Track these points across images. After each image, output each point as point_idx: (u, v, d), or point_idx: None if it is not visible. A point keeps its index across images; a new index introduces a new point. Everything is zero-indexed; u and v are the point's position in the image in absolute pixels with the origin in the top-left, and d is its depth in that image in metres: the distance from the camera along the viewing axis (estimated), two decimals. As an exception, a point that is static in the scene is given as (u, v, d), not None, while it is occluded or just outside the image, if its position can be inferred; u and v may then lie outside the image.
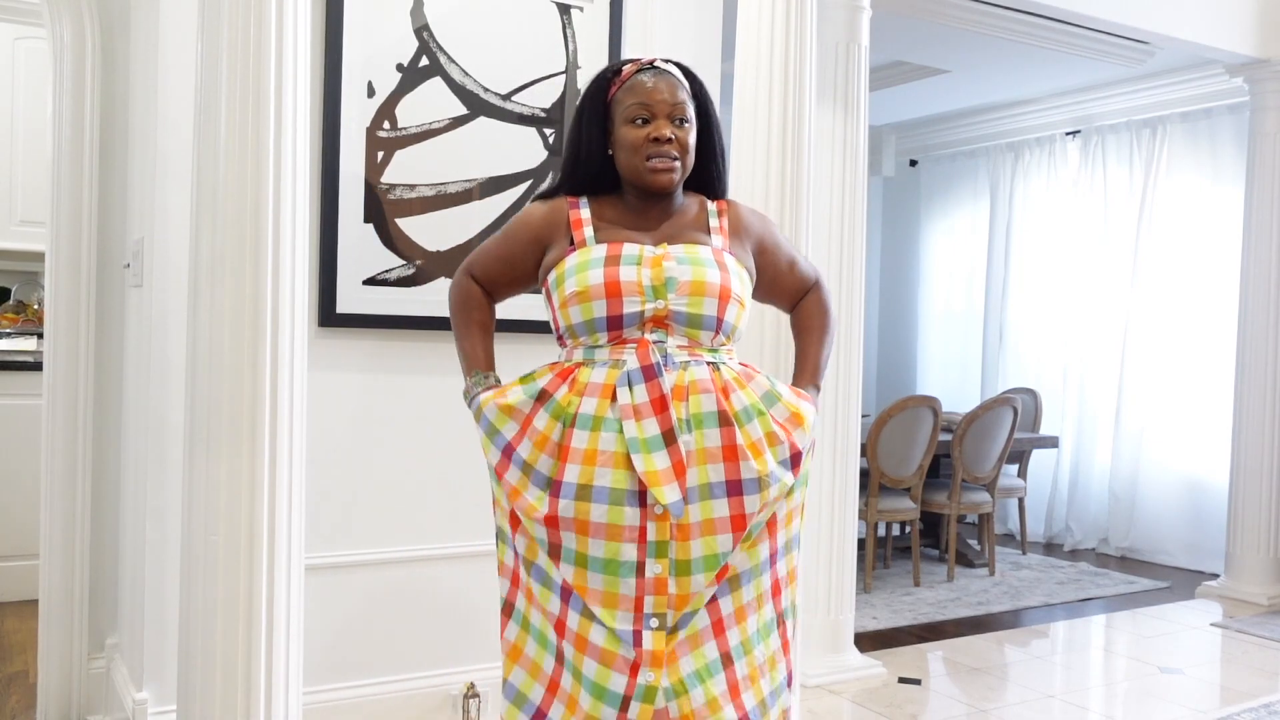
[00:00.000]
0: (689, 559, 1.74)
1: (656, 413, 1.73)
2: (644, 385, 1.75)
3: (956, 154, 7.25)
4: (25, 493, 4.10)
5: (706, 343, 1.83)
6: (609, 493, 1.73)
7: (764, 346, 2.81)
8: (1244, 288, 5.00)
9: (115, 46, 3.05)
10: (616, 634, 1.73)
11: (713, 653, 1.77)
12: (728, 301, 1.83)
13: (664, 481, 1.71)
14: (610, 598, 1.74)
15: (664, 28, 3.23)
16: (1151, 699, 3.54)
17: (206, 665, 2.04)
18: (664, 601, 1.74)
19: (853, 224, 3.58)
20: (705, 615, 1.77)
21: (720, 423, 1.77)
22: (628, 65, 1.92)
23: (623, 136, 1.87)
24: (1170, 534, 5.83)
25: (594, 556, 1.74)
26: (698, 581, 1.74)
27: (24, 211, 4.59)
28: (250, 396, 2.04)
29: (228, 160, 2.03)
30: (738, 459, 1.77)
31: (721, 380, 1.81)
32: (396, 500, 2.94)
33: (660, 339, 1.79)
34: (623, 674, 1.73)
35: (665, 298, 1.79)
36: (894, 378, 7.68)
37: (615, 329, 1.79)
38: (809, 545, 3.46)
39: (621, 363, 1.78)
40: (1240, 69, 4.93)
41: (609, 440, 1.74)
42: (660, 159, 1.84)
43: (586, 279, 1.79)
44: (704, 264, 1.82)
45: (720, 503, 1.76)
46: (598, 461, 1.73)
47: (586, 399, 1.77)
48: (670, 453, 1.72)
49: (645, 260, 1.80)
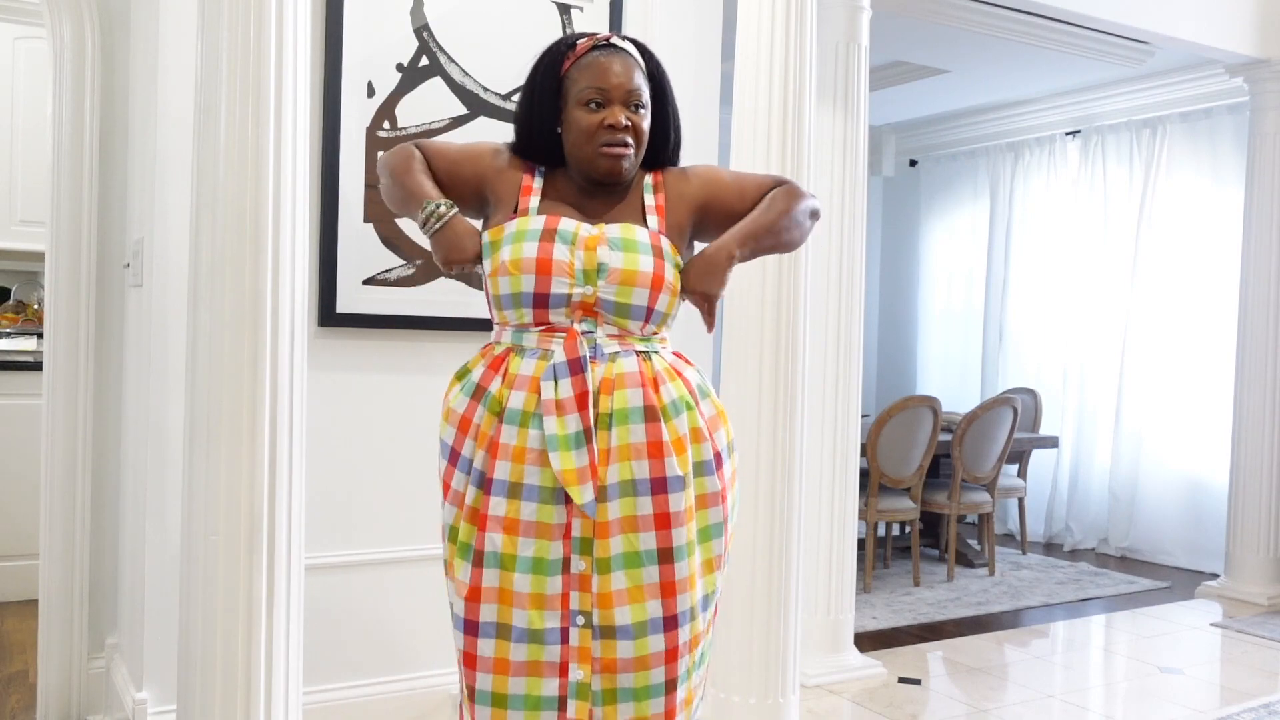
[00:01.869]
0: (608, 556, 1.71)
1: (579, 409, 1.69)
2: (569, 379, 1.70)
3: (956, 154, 7.25)
4: (25, 493, 4.10)
5: (637, 331, 1.77)
6: (538, 490, 1.70)
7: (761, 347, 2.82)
8: (1244, 288, 5.00)
9: (115, 46, 3.05)
10: (543, 635, 1.70)
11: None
12: (659, 290, 1.76)
13: (580, 480, 1.68)
14: (538, 599, 1.70)
15: (664, 27, 3.23)
16: (1151, 699, 3.54)
17: (206, 665, 2.04)
18: (588, 599, 1.71)
19: (853, 224, 3.58)
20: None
21: (646, 418, 1.73)
22: (583, 40, 1.84)
23: (575, 120, 1.79)
24: (1170, 534, 5.83)
25: (523, 556, 1.70)
26: (618, 579, 1.71)
27: (24, 211, 4.59)
28: (250, 396, 2.04)
29: (228, 160, 2.02)
30: (662, 455, 1.73)
31: (652, 372, 1.76)
32: (396, 500, 2.94)
33: (589, 329, 1.74)
34: (553, 677, 1.72)
35: (595, 284, 1.73)
36: (894, 378, 7.68)
37: (541, 307, 1.73)
38: (809, 545, 3.46)
39: (549, 353, 1.73)
40: (1240, 69, 4.93)
41: (535, 438, 1.70)
42: (613, 146, 1.77)
43: (520, 250, 1.73)
44: (638, 250, 1.75)
45: (644, 500, 1.72)
46: (526, 459, 1.70)
47: (514, 392, 1.73)
48: (588, 451, 1.69)
49: (580, 241, 1.74)
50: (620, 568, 1.72)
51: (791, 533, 2.80)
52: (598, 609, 1.72)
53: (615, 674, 1.72)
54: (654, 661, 1.73)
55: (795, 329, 2.81)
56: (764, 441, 2.77)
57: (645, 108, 1.82)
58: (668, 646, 1.74)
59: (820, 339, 3.50)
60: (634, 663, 1.73)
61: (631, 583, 1.72)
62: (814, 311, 3.37)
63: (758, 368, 2.78)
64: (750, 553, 2.76)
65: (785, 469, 2.78)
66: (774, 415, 2.78)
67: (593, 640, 1.72)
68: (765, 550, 2.77)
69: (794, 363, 2.80)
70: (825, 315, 3.52)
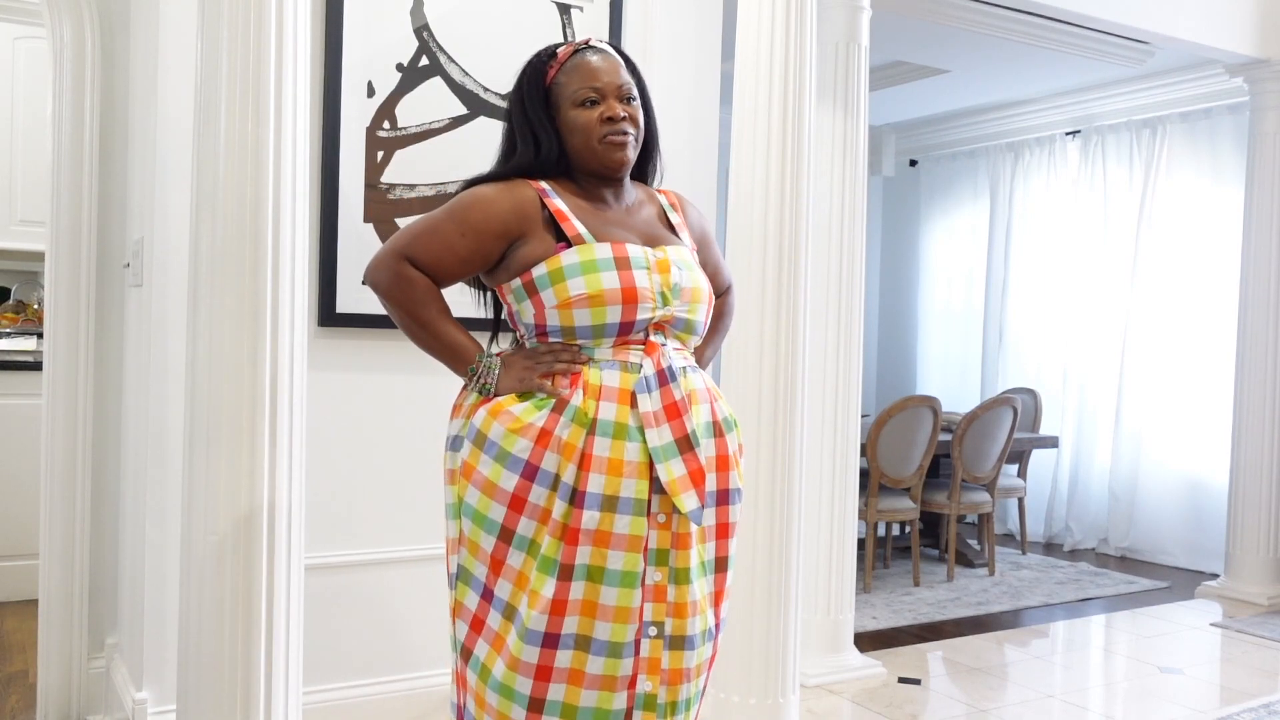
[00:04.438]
0: (687, 567, 1.74)
1: (670, 419, 1.73)
2: (658, 391, 1.74)
3: (956, 154, 7.25)
4: (25, 493, 4.10)
5: (691, 345, 1.87)
6: (633, 504, 1.69)
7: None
8: (1244, 288, 5.00)
9: (115, 46, 3.05)
10: (621, 649, 1.70)
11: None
12: (710, 305, 1.87)
13: (683, 489, 1.71)
14: (623, 612, 1.69)
15: (664, 27, 3.23)
16: (1151, 699, 3.54)
17: (206, 665, 2.04)
18: (663, 609, 1.72)
19: (853, 224, 3.58)
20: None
21: (715, 433, 1.80)
22: (562, 48, 1.84)
23: (573, 120, 1.79)
24: (1170, 534, 5.83)
25: (611, 569, 1.69)
26: (694, 589, 1.74)
27: (24, 211, 4.59)
28: (250, 396, 2.04)
29: (228, 160, 2.02)
30: (729, 469, 1.81)
31: (707, 387, 1.84)
32: (397, 500, 2.94)
33: (661, 341, 1.78)
34: (623, 691, 1.71)
35: (671, 304, 1.78)
36: (894, 378, 7.68)
37: (624, 334, 1.75)
38: (809, 545, 3.46)
39: (632, 365, 1.74)
40: (1240, 69, 4.93)
41: (633, 450, 1.70)
42: (616, 134, 1.78)
43: (599, 282, 1.71)
44: (695, 269, 1.85)
45: (710, 511, 1.79)
46: (624, 472, 1.69)
47: (604, 404, 1.71)
48: (687, 460, 1.73)
49: (652, 265, 1.77)
50: (694, 579, 1.75)
51: (791, 533, 2.80)
52: (672, 619, 1.73)
53: (680, 684, 1.75)
54: (702, 670, 1.79)
55: (795, 329, 2.81)
56: (764, 441, 2.77)
57: (637, 101, 1.83)
58: (711, 655, 1.81)
59: (820, 339, 3.50)
60: (694, 671, 1.77)
61: (701, 593, 1.77)
62: (814, 311, 3.37)
63: (758, 367, 2.78)
64: (750, 553, 2.76)
65: (785, 469, 2.79)
66: (774, 415, 2.78)
67: (663, 651, 1.73)
68: (765, 550, 2.77)
69: (794, 363, 2.80)
70: (825, 315, 3.52)
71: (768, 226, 2.77)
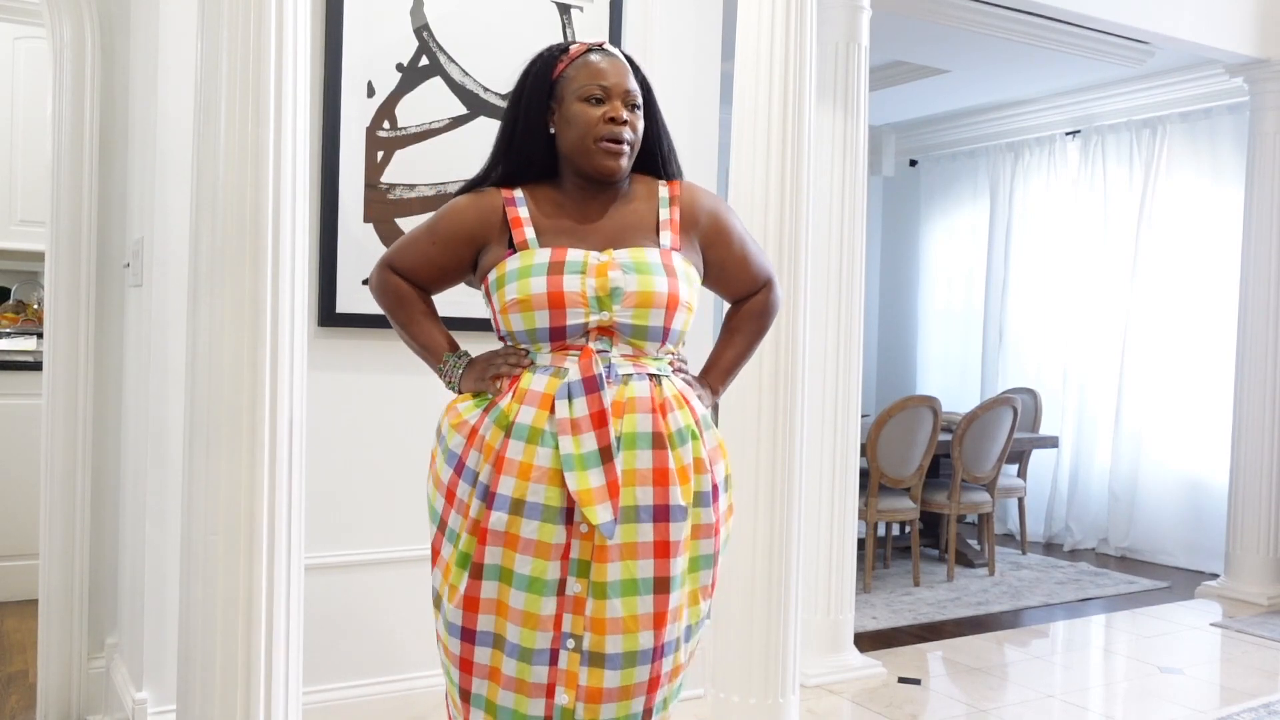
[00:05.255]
0: (605, 581, 1.69)
1: (595, 428, 1.68)
2: (584, 398, 1.68)
3: (956, 154, 7.25)
4: (25, 493, 4.09)
5: (652, 353, 1.77)
6: (541, 509, 1.68)
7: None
8: (1244, 288, 5.00)
9: (115, 46, 3.05)
10: (532, 655, 1.70)
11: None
12: (675, 310, 1.76)
13: (597, 500, 1.66)
14: (531, 618, 1.69)
15: (664, 27, 3.23)
16: (1151, 699, 3.54)
17: (206, 665, 2.04)
18: (581, 623, 1.70)
19: (853, 224, 3.58)
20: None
21: (654, 445, 1.71)
22: (575, 45, 1.85)
23: (574, 113, 1.78)
24: (1170, 534, 5.83)
25: (520, 574, 1.69)
26: (614, 606, 1.69)
27: (24, 211, 4.59)
28: (250, 396, 2.04)
29: (228, 160, 2.02)
30: (669, 483, 1.71)
31: (661, 397, 1.74)
32: (397, 500, 2.94)
33: (604, 348, 1.73)
34: (540, 698, 1.71)
35: (610, 309, 1.72)
36: (894, 378, 7.68)
37: (558, 339, 1.73)
38: (809, 545, 3.46)
39: (563, 371, 1.72)
40: (1240, 69, 4.93)
41: (545, 455, 1.68)
42: (613, 141, 1.77)
43: (529, 287, 1.72)
44: (651, 271, 1.75)
45: (645, 527, 1.70)
46: (532, 476, 1.68)
47: (525, 408, 1.71)
48: (606, 470, 1.67)
49: (590, 269, 1.72)
50: (617, 595, 1.69)
51: (791, 533, 2.80)
52: (590, 634, 1.69)
53: (599, 704, 1.70)
54: (636, 691, 1.72)
55: (795, 328, 2.81)
56: (764, 441, 2.77)
57: (640, 109, 1.83)
58: (651, 676, 1.73)
59: (820, 339, 3.50)
60: (618, 692, 1.71)
61: (627, 611, 1.70)
62: (814, 311, 3.37)
63: (757, 367, 2.78)
64: (750, 553, 2.76)
65: (785, 469, 2.78)
66: (774, 415, 2.78)
67: (580, 666, 1.70)
68: (765, 550, 2.77)
69: (794, 363, 2.80)
70: (825, 315, 3.52)
71: (767, 226, 2.77)
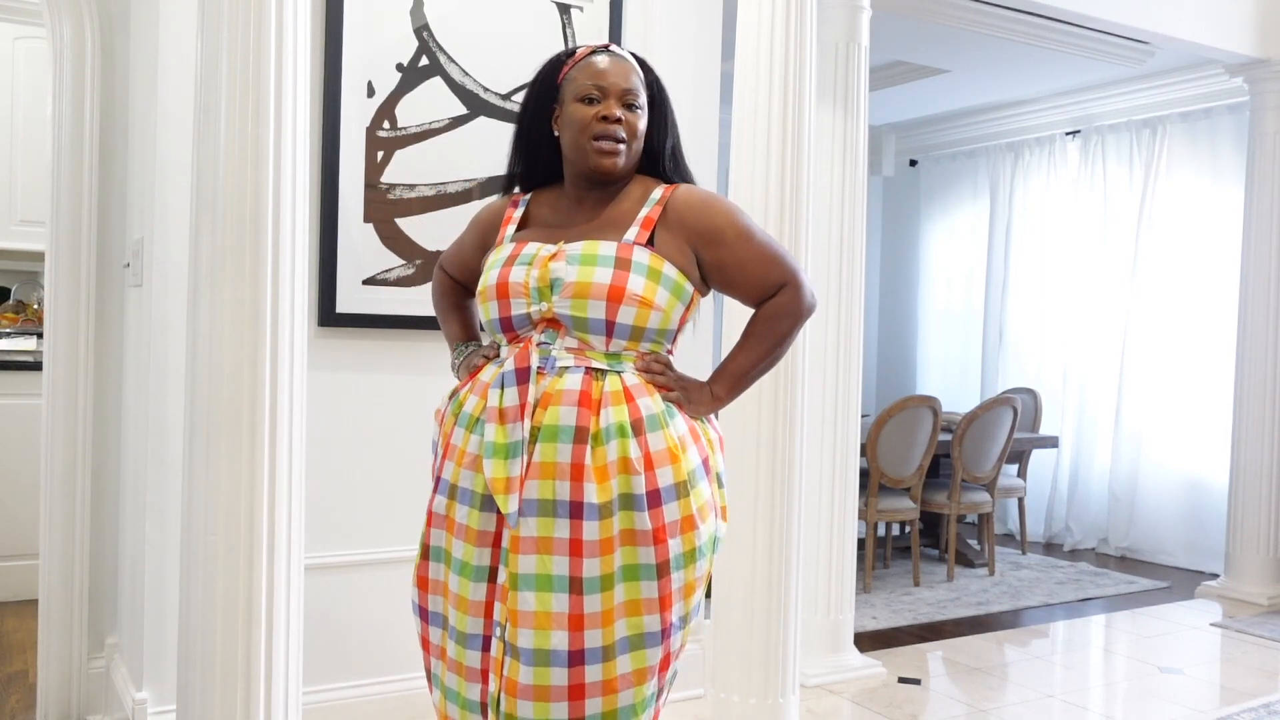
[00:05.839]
0: (517, 573, 1.68)
1: (519, 419, 1.69)
2: (515, 389, 1.71)
3: (956, 154, 7.25)
4: (25, 493, 4.10)
5: (599, 347, 1.71)
6: (470, 495, 1.73)
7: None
8: (1244, 288, 5.00)
9: (115, 46, 3.05)
10: (467, 639, 1.73)
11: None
12: (619, 303, 1.69)
13: (509, 490, 1.67)
14: (463, 602, 1.73)
15: (664, 27, 3.23)
16: (1151, 699, 3.54)
17: (206, 665, 2.04)
18: (504, 612, 1.70)
19: (853, 224, 3.58)
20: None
21: (575, 439, 1.66)
22: (581, 48, 1.87)
23: (571, 114, 1.79)
24: (1170, 534, 5.83)
25: (455, 557, 1.75)
26: (526, 599, 1.66)
27: (24, 211, 4.59)
28: (250, 396, 2.04)
29: (228, 160, 2.02)
30: (584, 480, 1.66)
31: (599, 392, 1.68)
32: (396, 500, 2.94)
33: (548, 340, 1.73)
34: (475, 682, 1.73)
35: (549, 300, 1.72)
36: (894, 378, 7.68)
37: (509, 330, 1.77)
38: (809, 546, 3.46)
39: (504, 361, 1.76)
40: (1240, 69, 4.93)
41: (475, 443, 1.73)
42: (607, 140, 1.76)
43: (488, 279, 1.80)
44: (596, 263, 1.70)
45: (562, 523, 1.66)
46: (464, 463, 1.74)
47: (471, 397, 1.77)
48: (520, 461, 1.69)
49: (537, 260, 1.74)
50: (530, 588, 1.67)
51: (791, 533, 2.80)
52: (509, 624, 1.69)
53: (516, 699, 1.67)
54: (555, 695, 1.66)
55: (795, 329, 2.81)
56: (764, 441, 2.77)
57: (641, 109, 1.81)
58: (571, 682, 1.66)
59: (820, 339, 3.50)
60: (533, 691, 1.66)
61: (540, 606, 1.66)
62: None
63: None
64: (750, 553, 2.76)
65: (785, 469, 2.78)
66: (774, 415, 2.78)
67: (505, 656, 1.70)
68: (765, 550, 2.76)
69: (794, 363, 2.80)
70: (825, 315, 3.52)
71: (767, 227, 2.77)
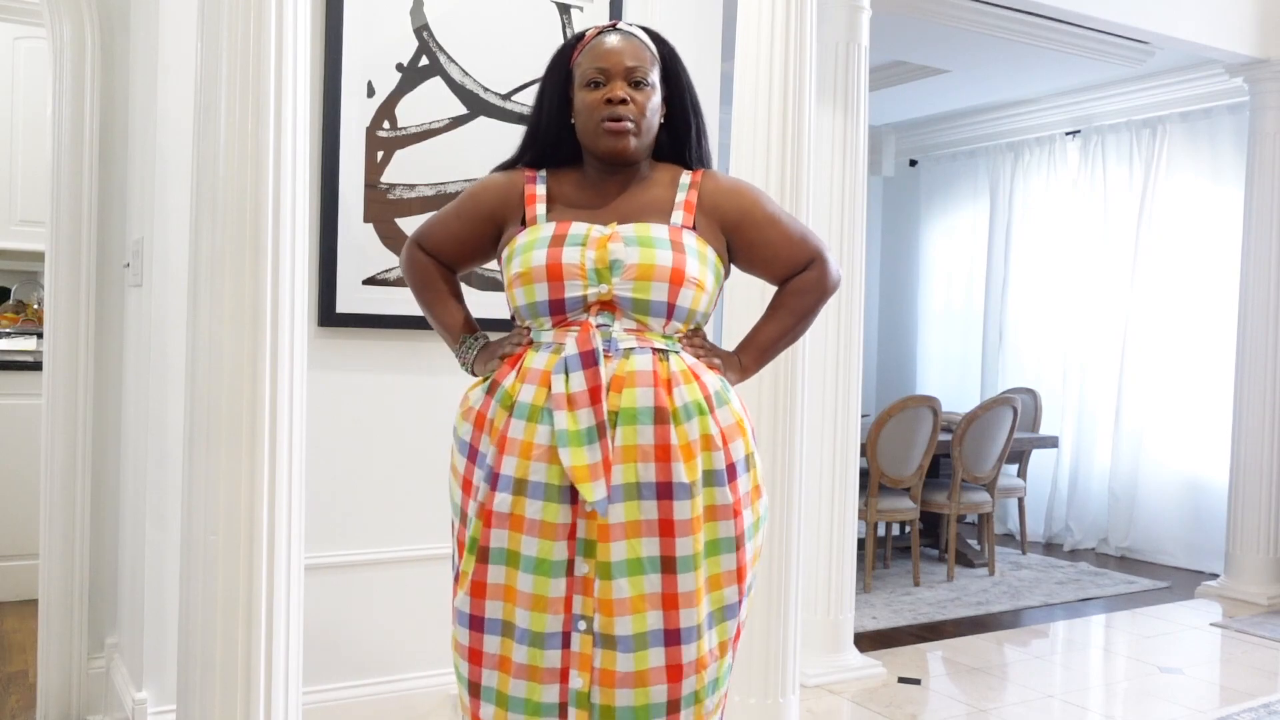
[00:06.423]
0: (609, 561, 1.64)
1: (593, 403, 1.63)
2: (581, 373, 1.64)
3: (956, 154, 7.25)
4: (25, 493, 4.10)
5: (657, 329, 1.71)
6: (544, 488, 1.65)
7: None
8: (1244, 288, 5.00)
9: (115, 46, 3.05)
10: (544, 639, 1.66)
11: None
12: (680, 285, 1.69)
13: (591, 477, 1.62)
14: (540, 600, 1.65)
15: (663, 27, 3.21)
16: (1151, 699, 3.54)
17: (206, 665, 2.04)
18: (590, 604, 1.65)
19: (853, 224, 3.58)
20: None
21: (655, 419, 1.65)
22: (590, 30, 1.83)
23: (579, 101, 1.77)
24: (1170, 534, 5.83)
25: (527, 555, 1.65)
26: (620, 586, 1.64)
27: (24, 211, 4.59)
28: (250, 396, 2.04)
29: (228, 160, 2.02)
30: (670, 460, 1.65)
31: (667, 372, 1.69)
32: (396, 499, 2.94)
33: (606, 322, 1.69)
34: (553, 684, 1.67)
35: (609, 282, 1.68)
36: (894, 378, 7.68)
37: (559, 313, 1.70)
38: (809, 545, 3.46)
39: (562, 346, 1.68)
40: (1240, 69, 4.93)
41: (544, 433, 1.65)
42: (613, 121, 1.72)
43: (530, 260, 1.70)
44: (655, 245, 1.70)
45: (649, 504, 1.65)
46: (533, 455, 1.65)
47: (525, 386, 1.68)
48: (601, 446, 1.63)
49: (591, 241, 1.69)
50: (623, 575, 1.64)
51: (791, 533, 2.80)
52: (599, 615, 1.65)
53: (614, 689, 1.65)
54: (654, 678, 1.66)
55: (795, 329, 2.81)
56: (764, 441, 2.77)
57: (650, 86, 1.77)
58: (669, 663, 1.66)
59: (820, 339, 3.50)
60: (633, 678, 1.65)
61: (634, 591, 1.65)
62: (814, 311, 3.36)
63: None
64: (750, 553, 2.76)
65: (785, 469, 2.78)
66: (774, 415, 2.78)
67: (594, 648, 1.66)
68: (765, 550, 2.76)
69: (794, 363, 2.80)
70: (825, 315, 3.52)
71: (768, 226, 2.77)
